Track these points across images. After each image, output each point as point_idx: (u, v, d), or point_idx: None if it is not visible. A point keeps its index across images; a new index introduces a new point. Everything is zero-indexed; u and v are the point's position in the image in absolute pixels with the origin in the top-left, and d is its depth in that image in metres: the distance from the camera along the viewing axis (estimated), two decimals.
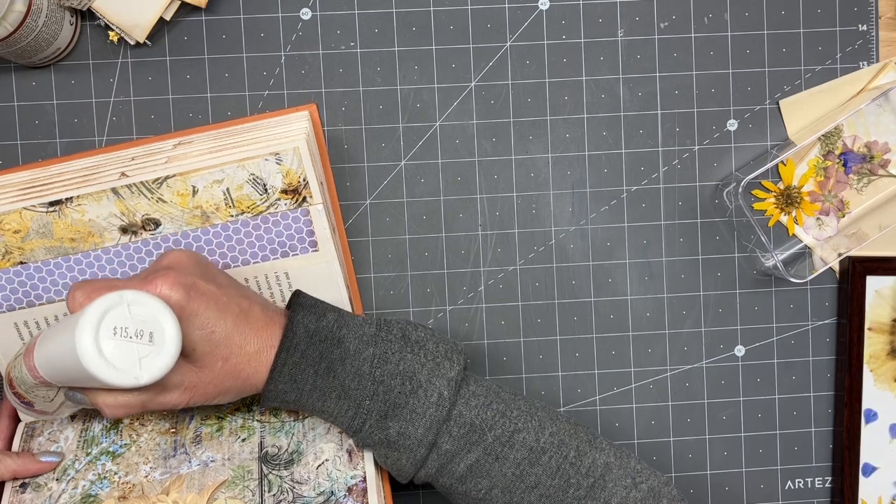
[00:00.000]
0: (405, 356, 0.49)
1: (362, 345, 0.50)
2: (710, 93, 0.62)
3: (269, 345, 0.49)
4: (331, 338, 0.49)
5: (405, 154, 0.61)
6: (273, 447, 0.53)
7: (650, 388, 0.63)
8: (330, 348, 0.49)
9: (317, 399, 0.49)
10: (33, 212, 0.52)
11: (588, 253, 0.62)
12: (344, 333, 0.50)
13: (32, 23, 0.53)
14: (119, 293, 0.43)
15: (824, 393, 0.64)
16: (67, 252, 0.53)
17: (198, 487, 0.51)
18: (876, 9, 0.62)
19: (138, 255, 0.54)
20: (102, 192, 0.52)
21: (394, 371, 0.49)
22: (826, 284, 0.64)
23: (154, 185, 0.52)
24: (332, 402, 0.50)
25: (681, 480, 0.64)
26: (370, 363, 0.49)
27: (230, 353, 0.48)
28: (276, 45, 0.60)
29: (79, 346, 0.41)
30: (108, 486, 0.52)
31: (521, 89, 0.61)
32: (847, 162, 0.63)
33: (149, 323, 0.44)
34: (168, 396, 0.47)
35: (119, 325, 0.43)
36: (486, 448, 0.49)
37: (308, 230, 0.55)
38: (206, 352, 0.47)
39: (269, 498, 0.50)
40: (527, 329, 0.62)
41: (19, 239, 0.53)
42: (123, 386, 0.43)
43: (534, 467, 0.50)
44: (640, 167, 0.62)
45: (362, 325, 0.51)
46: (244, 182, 0.52)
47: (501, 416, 0.50)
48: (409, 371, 0.49)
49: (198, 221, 0.54)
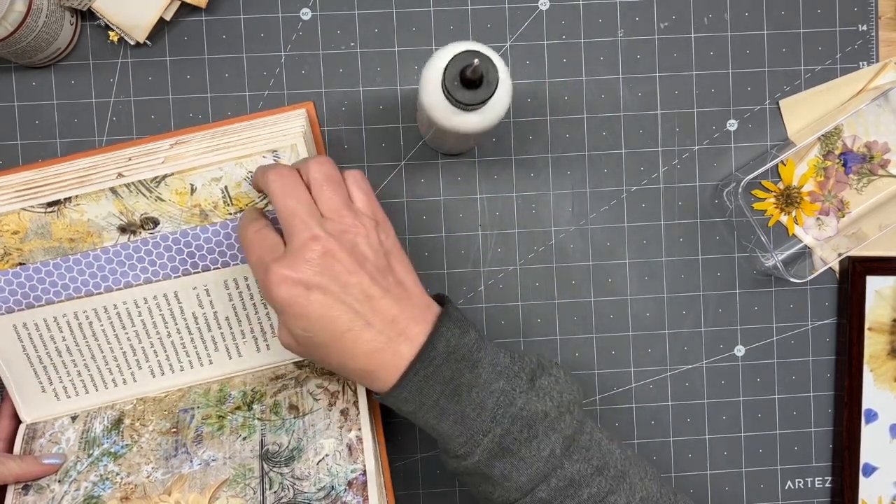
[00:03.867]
0: (530, 400, 0.47)
1: (494, 375, 0.48)
2: (710, 93, 0.62)
3: (395, 364, 0.47)
4: (468, 358, 0.47)
5: (405, 154, 0.61)
6: (273, 444, 0.53)
7: (650, 388, 0.63)
8: (462, 370, 0.47)
9: (432, 416, 0.48)
10: (31, 212, 0.52)
11: (588, 253, 0.62)
12: (480, 357, 0.48)
13: (32, 23, 0.53)
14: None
15: (824, 393, 0.64)
16: (66, 252, 0.53)
17: (199, 487, 0.51)
18: (876, 9, 0.62)
19: (137, 254, 0.54)
20: (101, 191, 0.52)
21: (516, 415, 0.47)
22: (826, 284, 0.64)
23: (152, 184, 0.52)
24: (446, 424, 0.48)
25: (681, 480, 0.64)
26: (496, 398, 0.47)
27: (325, 356, 0.47)
28: (276, 45, 0.60)
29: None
30: (111, 486, 0.52)
31: (521, 89, 0.61)
32: (847, 162, 0.63)
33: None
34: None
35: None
36: (578, 503, 0.49)
37: None
38: (301, 345, 0.47)
39: (271, 496, 0.50)
40: (527, 329, 0.62)
41: (18, 240, 0.53)
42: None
43: None
44: (640, 167, 0.62)
45: (497, 352, 0.49)
46: (242, 180, 0.53)
47: (598, 473, 0.49)
48: (531, 419, 0.47)
49: (196, 220, 0.54)
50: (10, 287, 0.54)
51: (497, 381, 0.48)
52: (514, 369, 0.48)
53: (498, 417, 0.47)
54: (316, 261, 0.45)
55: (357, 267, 0.46)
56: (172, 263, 0.55)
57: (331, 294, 0.45)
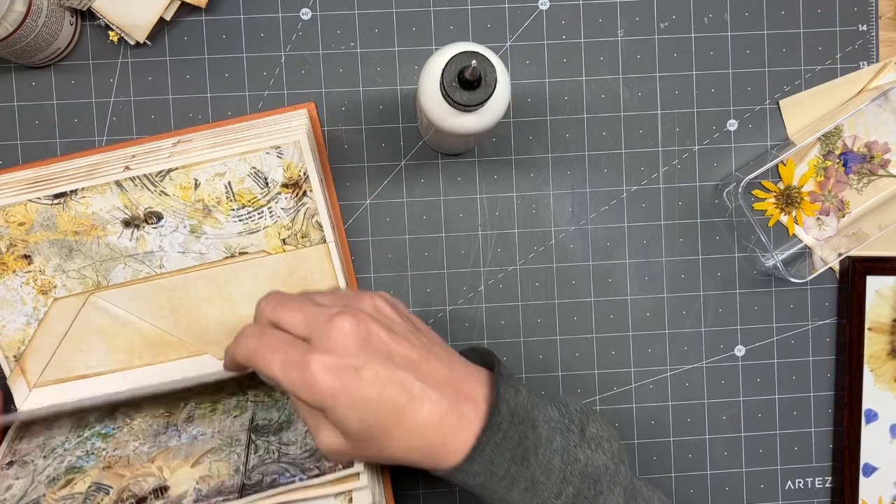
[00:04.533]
0: (588, 454, 0.45)
1: (551, 432, 0.45)
2: (710, 93, 0.62)
3: (460, 436, 0.43)
4: (527, 419, 0.44)
5: (405, 154, 0.61)
6: (264, 419, 0.52)
7: (650, 388, 0.63)
8: (526, 432, 0.44)
9: (503, 486, 0.44)
10: (38, 204, 0.53)
11: (588, 253, 0.62)
12: (536, 415, 0.45)
13: (32, 23, 0.53)
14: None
15: (824, 393, 0.64)
16: (71, 245, 0.54)
17: (184, 455, 0.50)
18: (876, 9, 0.62)
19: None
20: (106, 184, 0.53)
21: (583, 472, 0.45)
22: (826, 284, 0.64)
23: (157, 178, 0.53)
24: (517, 492, 0.44)
25: (681, 480, 0.64)
26: (560, 457, 0.44)
27: (386, 446, 0.43)
28: (276, 45, 0.60)
29: None
30: (95, 459, 0.52)
31: (521, 89, 0.61)
32: (847, 162, 0.63)
33: None
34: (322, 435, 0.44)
35: None
36: None
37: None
38: (356, 441, 0.43)
39: (254, 458, 0.50)
40: (527, 329, 0.62)
41: (24, 231, 0.54)
42: None
43: None
44: (640, 167, 0.62)
45: (546, 406, 0.46)
46: (245, 175, 0.53)
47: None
48: (595, 474, 0.45)
49: (199, 215, 0.54)
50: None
51: (555, 439, 0.45)
52: (565, 422, 0.46)
53: (568, 476, 0.44)
54: (352, 335, 0.41)
55: (391, 332, 0.43)
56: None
57: (380, 368, 0.41)
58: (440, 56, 0.47)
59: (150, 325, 0.56)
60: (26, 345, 0.55)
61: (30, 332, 0.55)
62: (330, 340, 0.41)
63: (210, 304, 0.56)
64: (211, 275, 0.56)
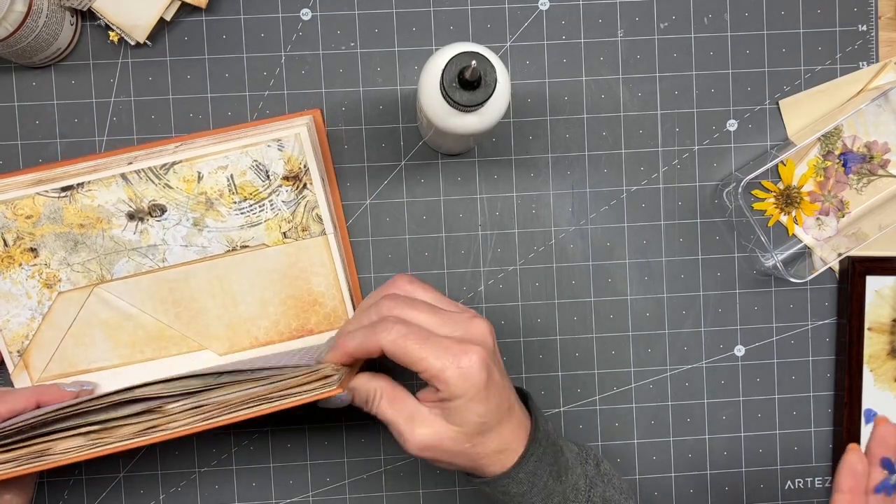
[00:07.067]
0: (604, 486, 0.51)
1: (574, 460, 0.50)
2: (709, 93, 0.62)
3: (513, 447, 0.47)
4: (556, 444, 0.50)
5: (405, 154, 0.61)
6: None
7: (650, 388, 0.63)
8: (557, 454, 0.49)
9: (540, 499, 0.48)
10: (46, 197, 0.55)
11: (588, 253, 0.62)
12: (561, 444, 0.50)
13: (33, 23, 0.53)
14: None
15: (824, 393, 0.64)
16: (76, 238, 0.55)
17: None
18: (876, 9, 0.62)
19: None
20: (112, 177, 0.55)
21: (601, 495, 0.50)
22: (826, 284, 0.64)
23: (161, 171, 0.55)
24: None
25: (681, 480, 0.64)
26: (584, 480, 0.50)
27: (480, 443, 0.46)
28: (276, 45, 0.60)
29: None
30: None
31: (521, 89, 0.61)
32: (847, 162, 0.63)
33: None
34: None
35: None
36: None
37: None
38: (465, 434, 0.46)
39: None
40: (527, 329, 0.62)
41: (31, 224, 0.55)
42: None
43: None
44: (639, 167, 0.62)
45: (566, 440, 0.52)
46: (247, 168, 0.54)
47: None
48: (611, 501, 0.50)
49: (202, 208, 0.55)
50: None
51: (578, 466, 0.50)
52: (583, 455, 0.51)
53: (592, 497, 0.49)
54: (490, 337, 0.46)
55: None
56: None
57: (498, 373, 0.46)
58: (440, 56, 0.47)
59: (152, 319, 0.57)
60: (30, 339, 0.56)
61: (34, 327, 0.56)
62: (477, 338, 0.45)
63: (211, 297, 0.57)
64: (212, 267, 0.57)
